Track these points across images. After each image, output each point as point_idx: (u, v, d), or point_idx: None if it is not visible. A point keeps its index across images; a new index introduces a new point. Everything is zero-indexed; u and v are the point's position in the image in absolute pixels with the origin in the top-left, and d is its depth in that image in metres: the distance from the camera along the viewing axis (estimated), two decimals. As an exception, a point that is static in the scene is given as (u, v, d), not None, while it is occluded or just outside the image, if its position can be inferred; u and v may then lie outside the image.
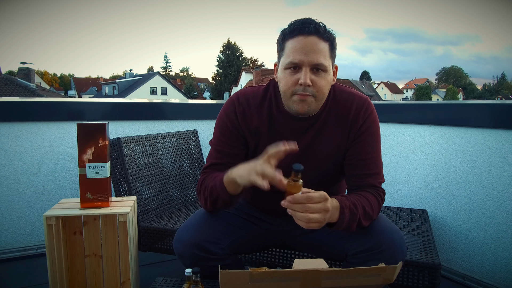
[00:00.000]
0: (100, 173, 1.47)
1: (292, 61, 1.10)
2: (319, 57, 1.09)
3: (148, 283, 1.42)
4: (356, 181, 1.23)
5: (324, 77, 1.12)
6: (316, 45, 1.09)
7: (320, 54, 1.09)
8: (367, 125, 1.21)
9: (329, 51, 1.12)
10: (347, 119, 1.21)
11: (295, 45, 1.10)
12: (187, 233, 1.22)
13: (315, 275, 0.86)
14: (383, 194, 1.23)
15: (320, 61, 1.09)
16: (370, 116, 1.22)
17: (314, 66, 1.10)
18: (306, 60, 1.09)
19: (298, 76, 1.10)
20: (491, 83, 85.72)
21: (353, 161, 1.23)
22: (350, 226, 1.11)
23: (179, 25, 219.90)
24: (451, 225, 1.98)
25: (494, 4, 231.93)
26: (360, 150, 1.22)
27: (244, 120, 1.25)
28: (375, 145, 1.23)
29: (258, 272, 0.83)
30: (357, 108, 1.21)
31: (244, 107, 1.25)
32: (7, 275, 1.94)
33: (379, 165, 1.24)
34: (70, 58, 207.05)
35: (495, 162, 1.79)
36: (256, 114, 1.25)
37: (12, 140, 2.11)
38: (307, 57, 1.09)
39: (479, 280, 1.85)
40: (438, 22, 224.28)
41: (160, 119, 2.49)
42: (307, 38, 1.09)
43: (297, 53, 1.09)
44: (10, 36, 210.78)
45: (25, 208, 2.15)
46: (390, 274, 0.88)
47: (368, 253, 1.13)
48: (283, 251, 1.51)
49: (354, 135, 1.21)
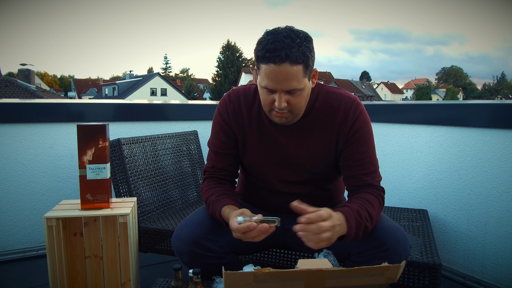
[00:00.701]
0: (100, 174, 1.47)
1: (266, 86, 1.11)
2: (291, 83, 1.09)
3: (148, 284, 1.42)
4: (354, 182, 1.24)
5: (299, 95, 1.13)
6: (288, 73, 1.07)
7: (293, 80, 1.08)
8: (358, 126, 1.21)
9: (303, 72, 1.10)
10: (335, 120, 1.22)
11: (268, 73, 1.09)
12: (186, 230, 1.23)
13: (319, 275, 0.86)
14: (383, 193, 1.23)
15: (293, 87, 1.10)
16: (360, 116, 1.22)
17: (288, 91, 1.11)
18: (279, 87, 1.10)
19: (273, 97, 1.12)
20: (491, 83, 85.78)
21: (348, 163, 1.24)
22: (357, 234, 1.11)
23: (178, 26, 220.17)
24: (451, 225, 1.98)
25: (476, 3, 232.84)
26: (354, 151, 1.22)
27: (235, 116, 1.28)
28: (368, 145, 1.23)
29: (262, 273, 0.83)
30: (345, 109, 1.21)
31: (235, 105, 1.28)
32: (8, 277, 1.94)
33: (375, 163, 1.25)
34: (70, 59, 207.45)
35: (495, 161, 1.79)
36: (246, 112, 1.27)
37: (12, 142, 2.11)
38: (280, 85, 1.09)
39: (480, 280, 1.84)
40: (421, 22, 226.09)
41: (160, 120, 2.49)
42: (279, 67, 1.06)
43: (270, 80, 1.09)
44: (10, 37, 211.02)
45: (26, 209, 2.15)
46: (394, 273, 0.88)
47: (373, 252, 1.14)
48: (284, 251, 1.51)
49: (345, 137, 1.22)
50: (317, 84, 1.26)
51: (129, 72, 48.82)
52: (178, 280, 1.10)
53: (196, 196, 2.23)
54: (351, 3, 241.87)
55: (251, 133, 1.28)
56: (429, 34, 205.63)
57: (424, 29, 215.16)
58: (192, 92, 56.18)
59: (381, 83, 77.06)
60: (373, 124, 1.28)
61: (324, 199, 1.35)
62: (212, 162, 1.34)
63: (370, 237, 1.16)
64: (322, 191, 1.36)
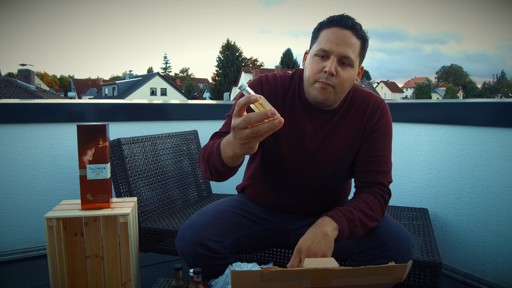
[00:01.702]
0: (101, 174, 1.47)
1: (322, 48, 1.13)
2: (348, 50, 1.12)
3: (149, 283, 1.42)
4: (365, 177, 1.24)
5: (348, 71, 1.14)
6: (349, 39, 1.12)
7: (350, 47, 1.12)
8: (382, 123, 1.24)
9: (360, 49, 1.15)
10: (364, 117, 1.24)
11: (329, 34, 1.13)
12: (190, 231, 1.22)
13: (326, 274, 0.86)
14: (388, 196, 1.24)
15: (348, 54, 1.12)
16: (385, 115, 1.25)
17: (341, 58, 1.12)
18: (336, 50, 1.11)
19: (324, 64, 1.13)
20: (491, 81, 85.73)
21: (365, 157, 1.24)
22: (354, 232, 1.12)
23: (178, 25, 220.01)
24: (452, 224, 1.98)
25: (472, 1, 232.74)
26: (372, 147, 1.23)
27: (269, 97, 1.23)
28: (387, 144, 1.25)
29: (268, 271, 0.83)
30: (373, 106, 1.24)
31: (271, 86, 1.27)
32: (8, 277, 1.94)
33: (389, 164, 1.26)
34: (70, 59, 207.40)
35: (495, 160, 1.79)
36: (281, 97, 1.26)
37: (12, 142, 2.11)
38: (337, 47, 1.11)
39: (480, 279, 1.85)
40: (417, 20, 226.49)
41: (160, 119, 2.49)
42: (342, 31, 1.12)
43: (329, 42, 1.12)
44: (9, 37, 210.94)
45: (26, 209, 2.15)
46: (400, 273, 0.88)
47: (375, 251, 1.14)
48: (285, 251, 1.51)
49: (369, 132, 1.24)
50: None
51: (129, 72, 48.81)
52: (179, 280, 1.10)
53: (196, 195, 2.23)
54: (346, 2, 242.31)
55: None
56: (426, 32, 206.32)
57: (420, 27, 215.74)
58: (192, 92, 56.21)
59: (381, 82, 77.04)
60: (392, 128, 1.29)
61: (330, 198, 1.35)
62: (227, 126, 1.22)
63: (372, 236, 1.16)
64: (330, 191, 1.35)
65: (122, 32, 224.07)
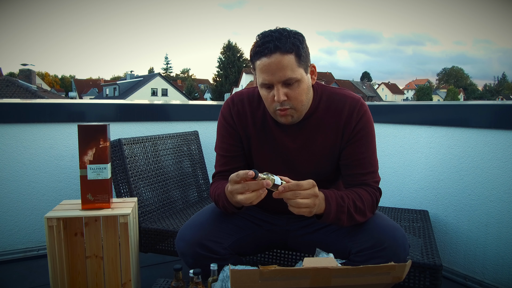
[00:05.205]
0: (101, 175, 1.47)
1: (263, 82, 1.13)
2: (285, 72, 1.10)
3: (149, 284, 1.42)
4: (351, 181, 1.25)
5: (297, 87, 1.13)
6: (280, 63, 1.09)
7: (286, 69, 1.10)
8: (361, 126, 1.22)
9: (296, 61, 1.11)
10: (340, 120, 1.23)
11: (261, 67, 1.11)
12: (190, 232, 1.23)
13: (325, 273, 0.86)
14: (379, 193, 1.24)
15: (287, 76, 1.10)
16: (364, 116, 1.23)
17: (284, 82, 1.12)
18: (274, 79, 1.11)
19: (273, 93, 1.13)
20: (492, 84, 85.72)
21: (348, 161, 1.24)
22: (340, 218, 1.13)
23: (179, 26, 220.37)
24: (452, 226, 1.98)
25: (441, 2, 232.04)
26: (354, 150, 1.23)
27: (239, 119, 1.28)
28: (369, 145, 1.24)
29: (268, 270, 0.83)
30: (350, 109, 1.22)
31: (239, 108, 1.28)
32: (8, 277, 1.95)
33: (374, 164, 1.25)
34: (71, 59, 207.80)
35: (496, 162, 1.79)
36: (250, 115, 1.28)
37: (13, 142, 2.11)
38: (274, 76, 1.10)
39: (480, 281, 1.84)
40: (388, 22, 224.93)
41: (161, 120, 2.50)
42: (270, 59, 1.09)
43: (265, 73, 1.11)
44: (11, 37, 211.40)
45: (26, 209, 2.15)
46: (399, 272, 0.88)
47: (371, 251, 1.14)
48: (285, 252, 1.51)
49: (348, 136, 1.23)
50: (320, 85, 1.26)
51: (130, 72, 48.92)
52: (179, 280, 1.10)
53: (197, 196, 2.23)
54: (307, 3, 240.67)
55: (256, 136, 1.28)
56: (399, 34, 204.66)
57: (392, 30, 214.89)
58: (193, 93, 56.22)
59: (382, 83, 77.06)
60: (374, 124, 1.28)
61: None
62: (220, 166, 1.33)
63: (368, 236, 1.16)
64: None
65: (124, 32, 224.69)
